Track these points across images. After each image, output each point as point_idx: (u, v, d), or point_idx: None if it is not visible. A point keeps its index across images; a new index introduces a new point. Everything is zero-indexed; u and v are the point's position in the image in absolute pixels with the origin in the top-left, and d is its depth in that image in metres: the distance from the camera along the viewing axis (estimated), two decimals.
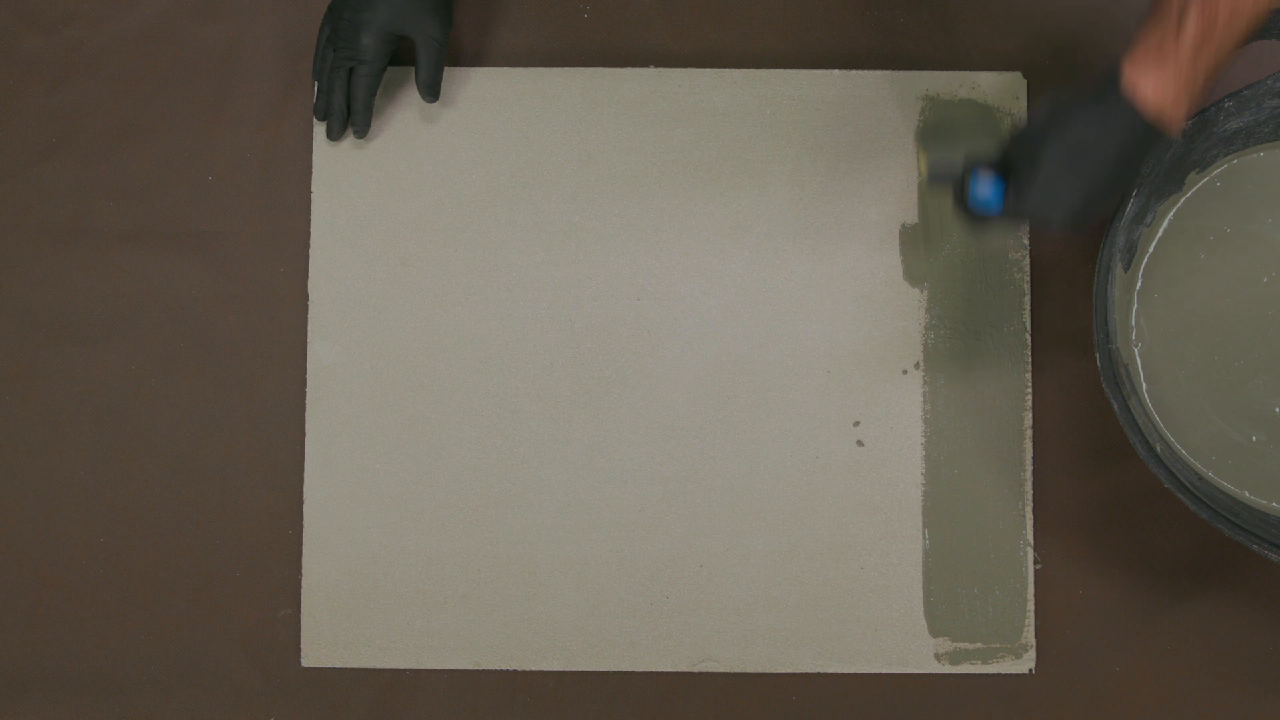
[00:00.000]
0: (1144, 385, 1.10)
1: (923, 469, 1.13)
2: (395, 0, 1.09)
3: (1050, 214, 0.95)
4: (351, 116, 1.14)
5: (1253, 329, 1.11)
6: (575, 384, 1.14)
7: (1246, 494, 1.08)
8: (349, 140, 1.16)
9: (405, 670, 1.12)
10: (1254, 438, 1.10)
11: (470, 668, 1.12)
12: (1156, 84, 0.91)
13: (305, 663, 1.12)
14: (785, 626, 1.12)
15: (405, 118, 1.17)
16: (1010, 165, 0.97)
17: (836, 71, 1.16)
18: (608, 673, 1.12)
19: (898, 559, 1.12)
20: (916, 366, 1.14)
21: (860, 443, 1.13)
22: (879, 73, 1.16)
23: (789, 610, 1.12)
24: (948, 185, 1.04)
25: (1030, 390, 1.14)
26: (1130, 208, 1.05)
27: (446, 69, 1.16)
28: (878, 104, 1.16)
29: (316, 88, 1.15)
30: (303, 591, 1.13)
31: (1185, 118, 0.93)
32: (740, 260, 1.15)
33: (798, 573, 1.12)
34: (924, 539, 1.12)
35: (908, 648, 1.12)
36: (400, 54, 1.13)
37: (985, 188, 0.98)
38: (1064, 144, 0.94)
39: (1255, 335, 1.11)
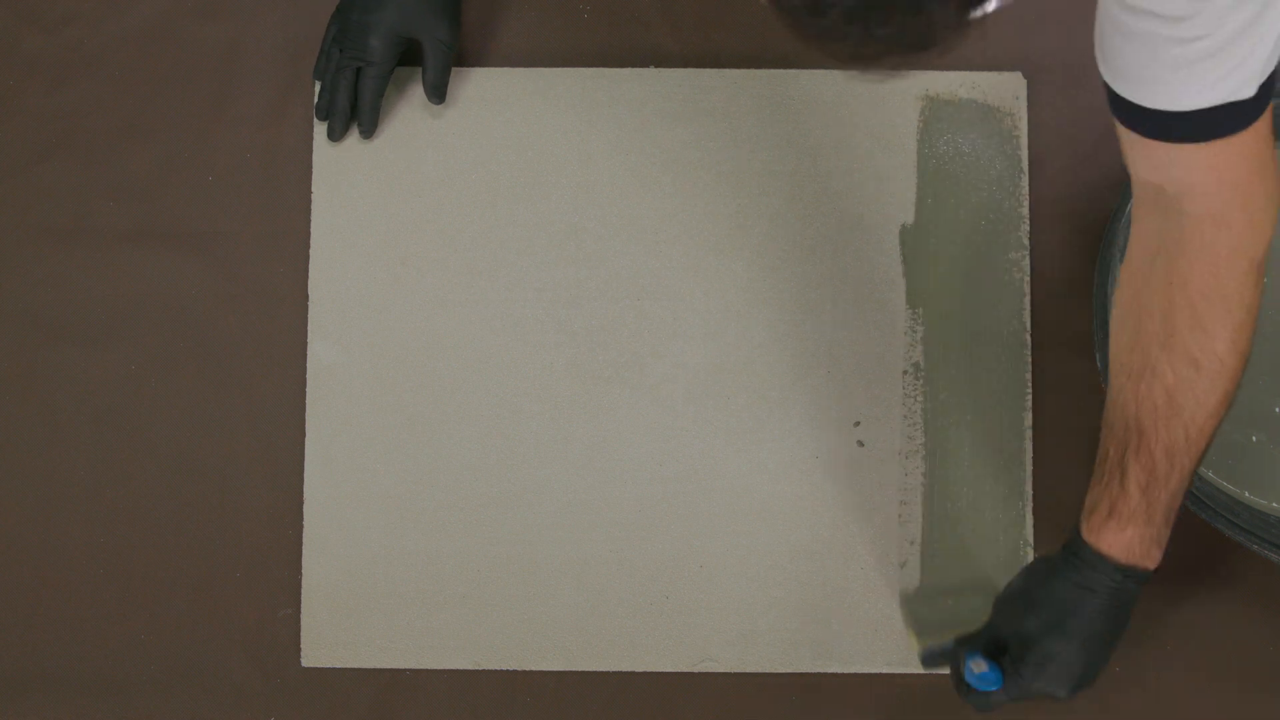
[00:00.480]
0: None
1: (923, 469, 1.13)
2: (404, 3, 1.09)
3: (1054, 689, 0.93)
4: (358, 118, 1.14)
5: (1254, 328, 1.11)
6: (575, 384, 1.14)
7: (1246, 494, 1.08)
8: (349, 140, 1.16)
9: (405, 670, 1.12)
10: (1254, 437, 1.10)
11: (470, 668, 1.12)
12: (1115, 538, 0.90)
13: (305, 663, 1.12)
14: (785, 626, 1.12)
15: (405, 118, 1.17)
16: (1001, 642, 0.96)
17: (836, 71, 1.16)
18: (608, 673, 1.12)
19: (898, 559, 1.12)
20: (916, 366, 1.14)
21: (860, 443, 1.13)
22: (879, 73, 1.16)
23: (789, 610, 1.12)
24: (944, 663, 1.03)
25: (1030, 390, 1.14)
26: (1130, 207, 1.05)
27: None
28: (878, 104, 1.16)
29: (319, 87, 1.15)
30: (303, 591, 1.13)
31: (1159, 555, 0.92)
32: (740, 260, 1.15)
33: (798, 573, 1.12)
34: (924, 539, 1.12)
35: (907, 648, 1.11)
36: (404, 55, 1.13)
37: (981, 671, 0.96)
38: (1050, 616, 0.93)
39: (1257, 335, 1.11)
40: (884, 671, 1.12)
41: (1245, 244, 0.83)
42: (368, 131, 1.14)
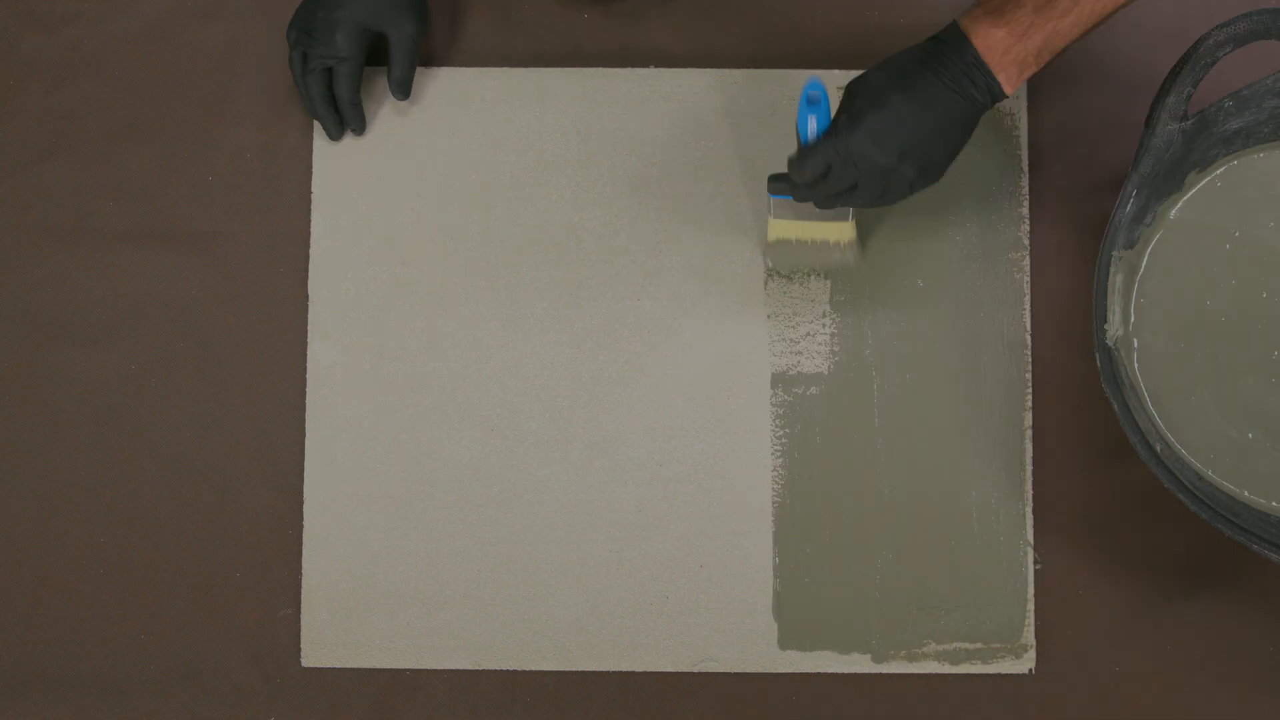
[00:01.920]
0: (1144, 385, 1.10)
1: (923, 469, 1.13)
2: None
3: (877, 146, 0.95)
4: (343, 116, 1.14)
5: (1252, 328, 1.11)
6: (575, 384, 1.14)
7: (1246, 494, 1.08)
8: (349, 140, 1.16)
9: (405, 670, 1.12)
10: (1249, 434, 1.10)
11: (470, 668, 1.12)
12: (988, 35, 0.92)
13: (305, 663, 1.12)
14: (785, 626, 1.12)
15: (405, 118, 1.17)
16: (847, 105, 0.97)
17: (837, 71, 1.16)
18: (608, 673, 1.12)
19: (898, 559, 1.12)
20: (916, 366, 1.14)
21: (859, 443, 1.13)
22: None
23: (788, 610, 1.12)
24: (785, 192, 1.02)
25: (1030, 390, 1.14)
26: (1130, 207, 1.05)
27: (448, 69, 1.16)
28: None
29: (298, 90, 1.15)
30: (303, 591, 1.13)
31: (1017, 81, 0.94)
32: (740, 260, 1.15)
33: (798, 572, 1.12)
34: (924, 539, 1.12)
35: (907, 648, 1.11)
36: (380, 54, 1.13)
37: (815, 115, 0.97)
38: (895, 77, 0.94)
39: (1255, 334, 1.11)
40: (884, 671, 1.12)
41: None
42: (358, 128, 1.14)
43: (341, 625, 1.12)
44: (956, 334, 1.14)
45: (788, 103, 1.16)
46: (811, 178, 0.98)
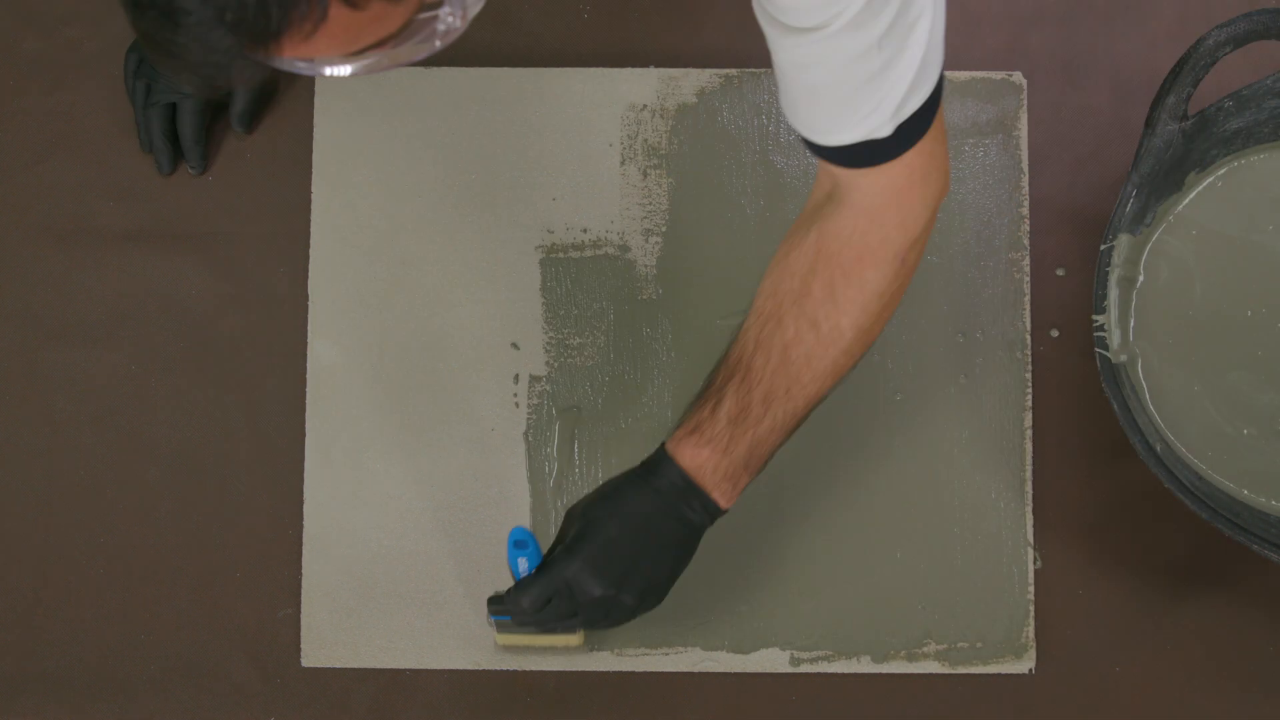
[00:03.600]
0: (1144, 385, 1.10)
1: (923, 469, 1.13)
2: None
3: (590, 576, 0.95)
4: (184, 154, 1.14)
5: (1252, 327, 1.11)
6: (575, 383, 1.14)
7: (1246, 493, 1.08)
8: (349, 140, 1.16)
9: (405, 670, 1.12)
10: (1245, 431, 1.10)
11: (470, 668, 1.12)
12: (693, 453, 0.94)
13: (305, 663, 1.12)
14: (785, 626, 1.12)
15: (405, 118, 1.17)
16: (564, 534, 0.97)
17: None
18: (608, 673, 1.12)
19: (898, 559, 1.12)
20: (916, 366, 1.14)
21: (860, 443, 1.13)
22: None
23: (789, 610, 1.12)
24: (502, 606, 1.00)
25: (1030, 390, 1.14)
26: (1130, 207, 1.05)
27: (448, 69, 1.16)
28: None
29: (135, 121, 1.14)
30: (303, 591, 1.12)
31: (732, 496, 0.95)
32: (741, 259, 1.15)
33: (798, 572, 1.12)
34: (925, 539, 1.12)
35: (907, 648, 1.11)
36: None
37: (524, 556, 0.99)
38: (610, 506, 0.95)
39: (1255, 333, 1.11)
40: (884, 671, 1.12)
41: (893, 239, 0.89)
42: (198, 167, 1.15)
43: (341, 625, 1.12)
44: (956, 334, 1.14)
45: None
46: (531, 609, 0.97)
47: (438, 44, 0.66)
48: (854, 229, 0.89)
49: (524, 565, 1.01)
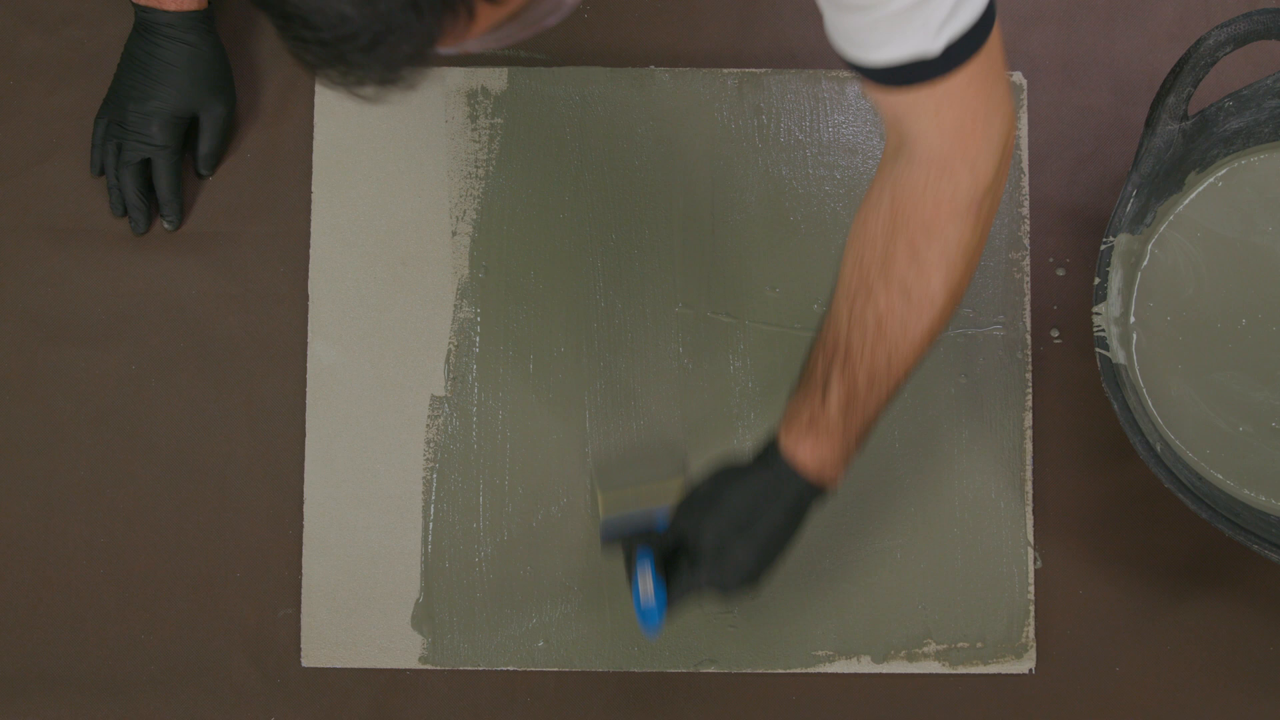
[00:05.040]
0: (1143, 385, 1.10)
1: (923, 469, 1.13)
2: (177, 85, 1.11)
3: (726, 581, 0.95)
4: (162, 209, 1.15)
5: (1252, 327, 1.11)
6: (575, 383, 1.14)
7: (1246, 493, 1.08)
8: (349, 140, 1.16)
9: (405, 670, 1.12)
10: (1240, 428, 1.10)
11: (470, 668, 1.12)
12: (812, 451, 0.93)
13: (305, 663, 1.12)
14: (785, 626, 1.12)
15: (405, 118, 1.17)
16: (681, 544, 0.97)
17: (837, 71, 1.16)
18: (608, 673, 1.12)
19: (898, 559, 1.12)
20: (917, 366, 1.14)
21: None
22: None
23: (788, 610, 1.12)
24: (617, 546, 1.01)
25: (1030, 390, 1.14)
26: (1130, 207, 1.05)
27: (448, 69, 1.16)
28: None
29: (107, 185, 1.15)
30: (303, 591, 1.13)
31: (843, 476, 0.95)
32: (741, 259, 1.15)
33: (797, 572, 1.12)
34: (925, 539, 1.12)
35: (907, 648, 1.12)
36: None
37: (648, 591, 0.97)
38: (732, 511, 0.94)
39: (1255, 333, 1.11)
40: (884, 671, 1.12)
41: (965, 187, 0.88)
42: (174, 221, 1.15)
43: (341, 625, 1.12)
44: (956, 334, 1.14)
45: (788, 103, 1.16)
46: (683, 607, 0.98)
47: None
48: (925, 181, 0.88)
49: (646, 581, 0.98)
